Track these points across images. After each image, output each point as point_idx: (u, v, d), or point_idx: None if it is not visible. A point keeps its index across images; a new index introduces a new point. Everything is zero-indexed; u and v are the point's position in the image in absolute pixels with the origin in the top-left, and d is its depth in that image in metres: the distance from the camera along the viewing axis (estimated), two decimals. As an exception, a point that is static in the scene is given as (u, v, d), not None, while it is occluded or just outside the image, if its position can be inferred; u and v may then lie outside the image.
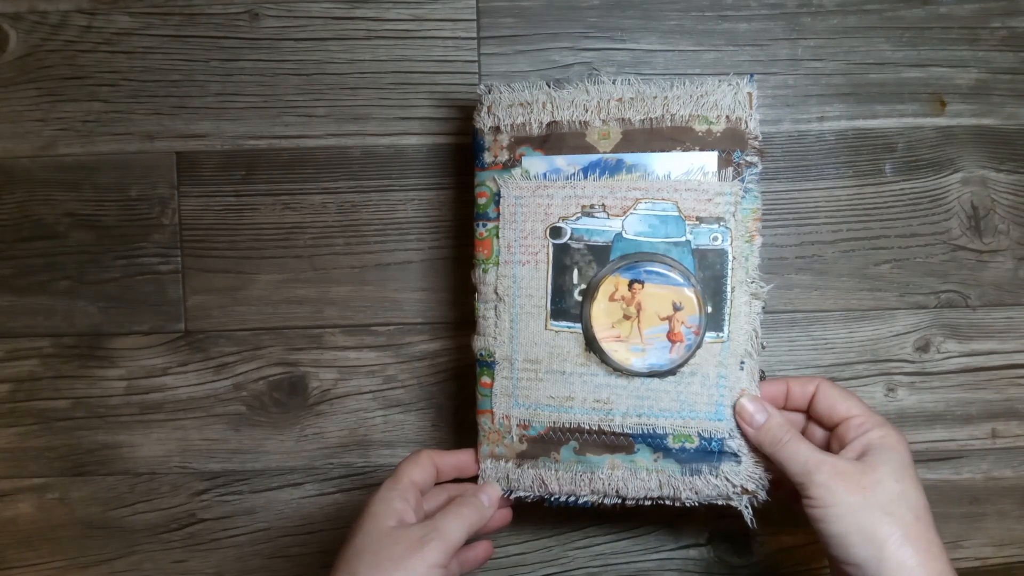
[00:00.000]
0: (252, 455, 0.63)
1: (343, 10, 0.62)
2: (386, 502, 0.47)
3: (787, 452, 0.48)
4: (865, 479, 0.45)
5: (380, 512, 0.47)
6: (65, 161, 0.63)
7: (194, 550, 0.64)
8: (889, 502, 0.45)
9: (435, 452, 0.52)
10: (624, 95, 0.52)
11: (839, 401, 0.50)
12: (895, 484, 0.45)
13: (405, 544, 0.45)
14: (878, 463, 0.46)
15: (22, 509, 0.64)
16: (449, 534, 0.46)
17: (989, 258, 0.62)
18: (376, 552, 0.45)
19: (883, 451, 0.47)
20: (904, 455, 0.47)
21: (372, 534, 0.46)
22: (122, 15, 0.62)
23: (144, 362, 0.63)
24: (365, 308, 0.63)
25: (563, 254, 0.52)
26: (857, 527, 0.44)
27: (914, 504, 0.45)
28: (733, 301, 0.51)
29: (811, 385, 0.51)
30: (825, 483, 0.45)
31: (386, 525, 0.46)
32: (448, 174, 0.63)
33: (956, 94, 0.62)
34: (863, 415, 0.49)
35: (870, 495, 0.45)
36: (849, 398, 0.50)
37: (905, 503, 0.45)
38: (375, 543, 0.45)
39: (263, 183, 0.63)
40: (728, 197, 0.51)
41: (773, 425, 0.49)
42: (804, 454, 0.47)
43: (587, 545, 0.63)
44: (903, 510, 0.45)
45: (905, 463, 0.47)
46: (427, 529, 0.46)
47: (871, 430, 0.48)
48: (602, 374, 0.52)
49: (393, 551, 0.45)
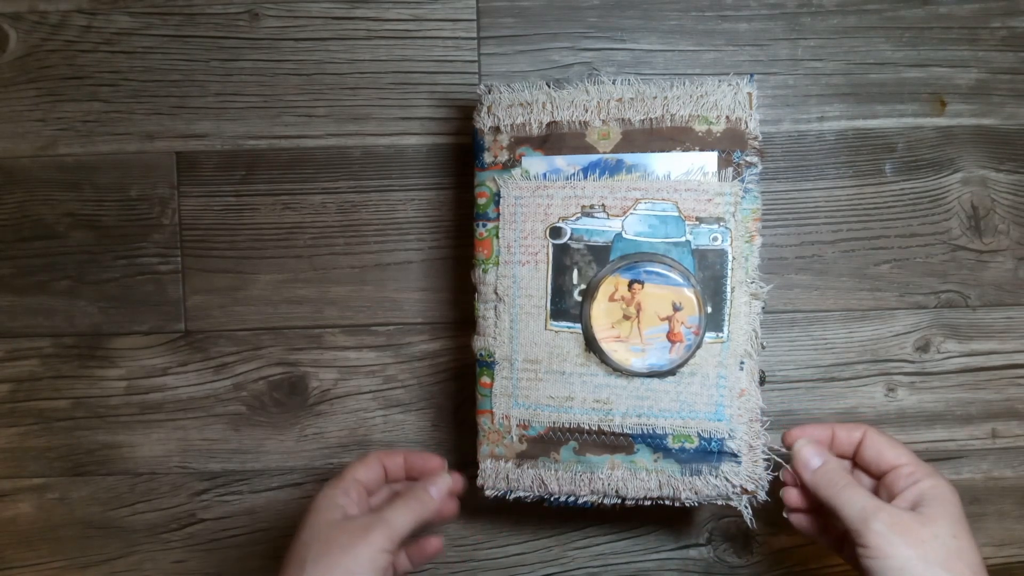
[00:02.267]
0: (252, 455, 0.63)
1: (343, 10, 0.62)
2: (328, 498, 0.48)
3: (844, 497, 0.47)
4: (925, 532, 0.44)
5: (323, 507, 0.48)
6: (65, 161, 0.63)
7: (194, 550, 0.64)
8: (948, 558, 0.44)
9: (383, 453, 0.53)
10: (624, 95, 0.52)
11: (887, 448, 0.49)
12: (953, 540, 0.44)
13: (350, 533, 0.46)
14: (936, 516, 0.45)
15: (22, 509, 0.64)
16: (393, 521, 0.47)
17: (989, 258, 0.62)
18: (324, 542, 0.46)
19: (938, 504, 0.46)
20: (958, 508, 0.46)
21: (317, 526, 0.47)
22: (122, 15, 0.62)
23: (144, 362, 0.63)
24: (365, 308, 0.63)
25: (563, 254, 0.52)
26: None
27: (971, 561, 0.44)
28: (733, 301, 0.51)
29: (857, 432, 0.50)
30: (883, 532, 0.44)
31: (331, 518, 0.47)
32: (448, 174, 0.63)
33: (956, 94, 0.62)
34: (912, 464, 0.48)
35: (929, 550, 0.44)
36: (897, 446, 0.49)
37: (963, 560, 0.44)
38: (321, 534, 0.46)
39: (263, 183, 0.63)
40: (728, 197, 0.50)
41: (831, 469, 0.48)
42: (862, 501, 0.46)
43: (587, 545, 0.63)
44: (961, 567, 0.44)
45: (960, 516, 0.46)
46: (371, 518, 0.47)
47: (922, 480, 0.47)
48: (602, 374, 0.52)
49: (340, 539, 0.46)
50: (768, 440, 0.52)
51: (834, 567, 0.63)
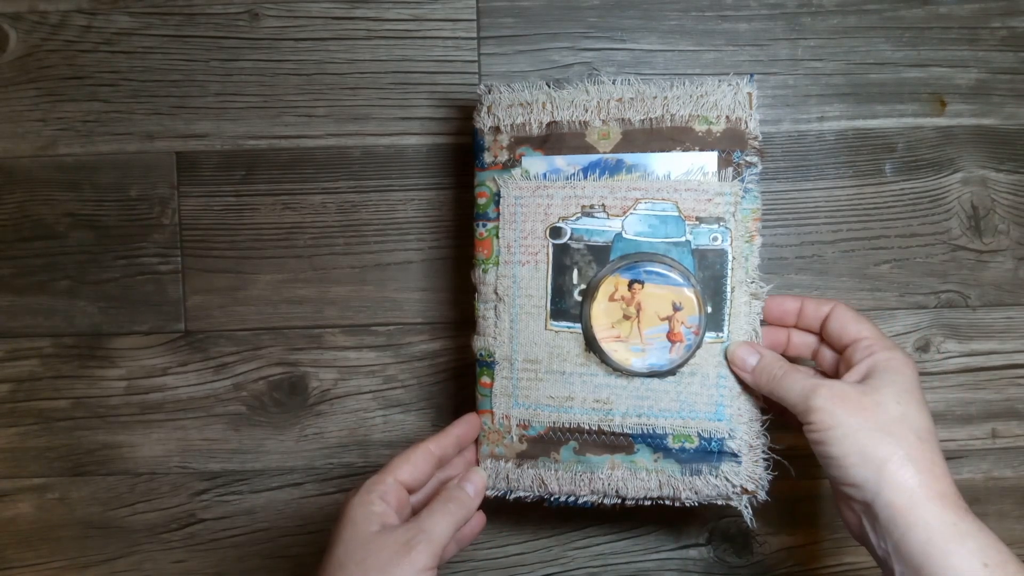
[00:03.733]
0: (252, 455, 0.63)
1: (343, 10, 0.62)
2: (365, 506, 0.45)
3: (785, 384, 0.47)
4: (866, 400, 0.45)
5: (360, 518, 0.44)
6: (65, 161, 0.63)
7: (194, 550, 0.64)
8: (890, 423, 0.44)
9: (432, 440, 0.49)
10: (624, 95, 0.52)
11: (851, 323, 0.49)
12: (896, 406, 0.44)
13: (390, 550, 0.43)
14: (880, 385, 0.45)
15: (22, 509, 0.64)
16: (435, 534, 0.45)
17: (989, 258, 0.62)
18: (360, 562, 0.43)
19: (887, 373, 0.46)
20: (908, 377, 0.46)
21: (353, 542, 0.44)
22: (122, 15, 0.62)
23: (144, 362, 0.63)
24: (365, 308, 0.63)
25: (563, 254, 0.52)
26: (857, 448, 0.43)
27: (916, 425, 0.44)
28: (733, 301, 0.51)
29: (826, 306, 0.51)
30: (823, 406, 0.45)
31: (367, 531, 0.44)
32: (448, 174, 0.63)
33: (956, 94, 0.62)
34: (872, 337, 0.48)
35: (870, 416, 0.44)
36: (861, 320, 0.49)
37: (907, 424, 0.44)
38: (358, 552, 0.43)
39: (263, 183, 0.63)
40: (728, 197, 0.51)
41: (766, 363, 0.49)
42: (801, 382, 0.46)
43: (587, 545, 0.63)
44: (904, 430, 0.44)
45: (909, 386, 0.46)
46: (412, 531, 0.44)
47: (877, 352, 0.47)
48: (602, 374, 0.52)
49: (379, 559, 0.43)
50: (768, 440, 0.52)
51: (834, 567, 0.63)
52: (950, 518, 0.42)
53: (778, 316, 0.53)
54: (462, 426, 0.52)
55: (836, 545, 0.63)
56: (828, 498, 0.63)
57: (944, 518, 0.42)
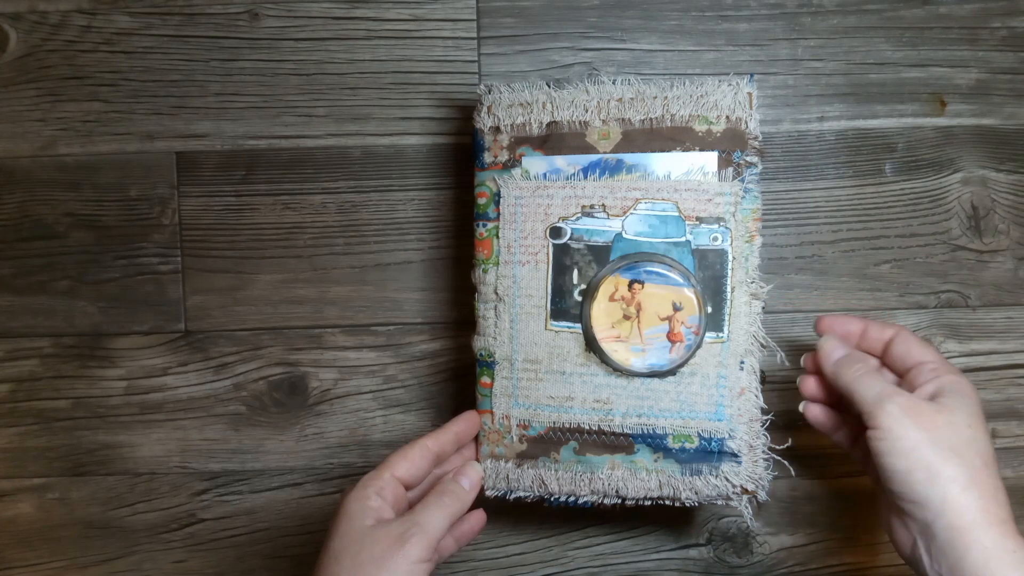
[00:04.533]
0: (252, 455, 0.63)
1: (343, 10, 0.62)
2: (361, 501, 0.45)
3: (862, 383, 0.47)
4: (939, 418, 0.44)
5: (355, 512, 0.45)
6: (65, 161, 0.63)
7: (194, 550, 0.64)
8: (960, 444, 0.43)
9: (430, 437, 0.50)
10: (624, 95, 0.52)
11: (915, 347, 0.49)
12: (967, 428, 0.44)
13: (385, 543, 0.43)
14: (953, 406, 0.45)
15: (22, 509, 0.64)
16: (430, 527, 0.45)
17: (989, 258, 0.62)
18: (355, 555, 0.43)
19: (957, 396, 0.46)
20: (977, 404, 0.46)
21: (349, 535, 0.44)
22: (122, 15, 0.62)
23: (144, 362, 0.63)
24: (365, 308, 0.63)
25: (563, 254, 0.52)
26: (924, 464, 0.43)
27: (983, 451, 0.44)
28: (733, 301, 0.51)
29: (890, 330, 0.50)
30: (895, 414, 0.44)
31: (363, 525, 0.44)
32: (448, 174, 0.63)
33: (956, 94, 0.62)
34: (937, 361, 0.48)
35: (941, 434, 0.44)
36: (926, 346, 0.49)
37: (975, 448, 0.44)
38: (353, 545, 0.44)
39: (263, 183, 0.63)
40: (728, 197, 0.51)
41: (852, 359, 0.48)
42: (879, 386, 0.46)
43: (587, 545, 0.63)
44: (972, 454, 0.43)
45: (977, 411, 0.45)
46: (407, 524, 0.44)
47: (944, 375, 0.47)
48: (602, 374, 0.52)
49: (373, 551, 0.43)
50: (768, 440, 0.52)
51: (834, 567, 0.63)
52: (1009, 545, 0.42)
53: (841, 336, 0.52)
54: (461, 423, 0.52)
55: (836, 545, 0.63)
56: (828, 498, 0.63)
57: (1003, 544, 0.42)
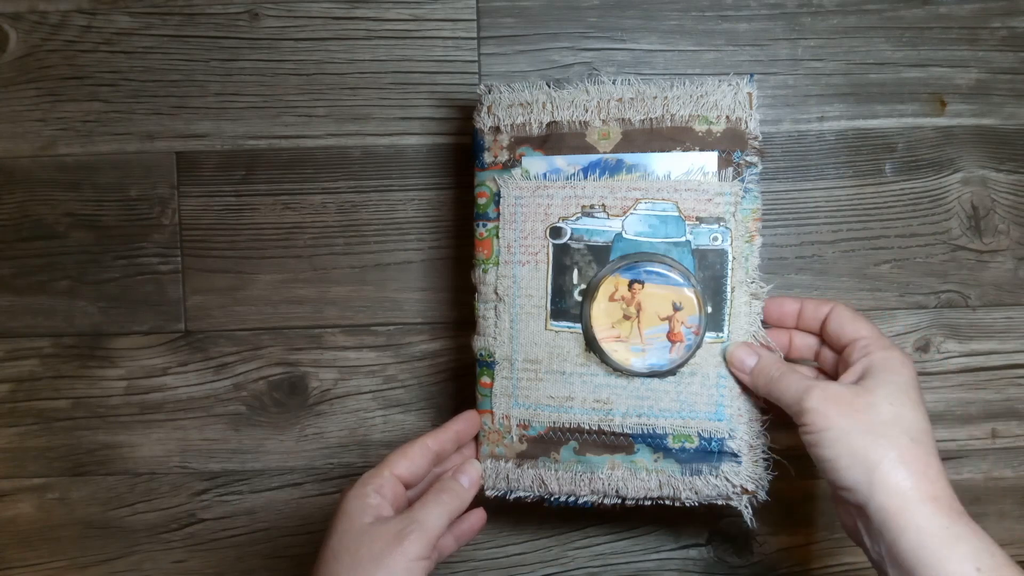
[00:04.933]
0: (252, 455, 0.63)
1: (343, 10, 0.62)
2: (360, 498, 0.46)
3: (780, 386, 0.47)
4: (858, 402, 0.44)
5: (354, 510, 0.45)
6: (65, 161, 0.63)
7: (194, 550, 0.64)
8: (882, 424, 0.43)
9: (429, 436, 0.50)
10: (624, 95, 0.52)
11: (848, 323, 0.49)
12: (889, 407, 0.44)
13: (383, 540, 0.44)
14: (874, 386, 0.45)
15: (22, 509, 0.64)
16: (428, 524, 0.45)
17: (989, 258, 0.62)
18: (353, 552, 0.43)
19: (882, 373, 0.45)
20: (905, 377, 0.46)
21: (348, 533, 0.44)
22: (122, 15, 0.62)
23: (144, 362, 0.63)
24: (365, 308, 0.63)
25: (563, 254, 0.52)
26: (848, 450, 0.43)
27: (910, 426, 0.44)
28: (733, 301, 0.51)
29: (825, 307, 0.50)
30: (816, 408, 0.44)
31: (361, 523, 0.45)
32: (448, 174, 0.63)
33: (956, 94, 0.62)
34: (869, 337, 0.48)
35: (863, 418, 0.44)
36: (859, 320, 0.49)
37: (900, 425, 0.44)
38: (352, 542, 0.44)
39: (263, 183, 0.63)
40: (728, 197, 0.51)
41: (764, 365, 0.49)
42: (796, 383, 0.46)
43: (587, 545, 0.63)
44: (896, 432, 0.43)
45: (904, 386, 0.45)
46: (405, 522, 0.45)
47: (874, 352, 0.47)
48: (602, 374, 0.52)
49: (372, 549, 0.43)
50: (768, 440, 0.52)
51: (834, 567, 0.63)
52: (943, 521, 0.41)
53: (778, 317, 0.52)
54: (461, 423, 0.52)
55: (836, 545, 0.63)
56: (828, 498, 0.63)
57: (937, 521, 0.41)
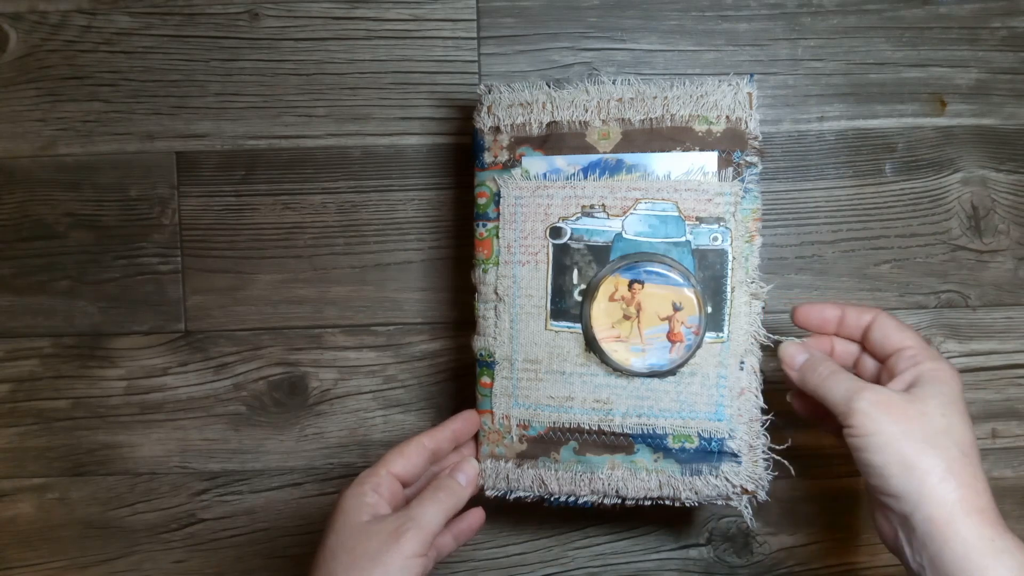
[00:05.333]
0: (252, 455, 0.63)
1: (343, 10, 0.62)
2: (357, 497, 0.46)
3: (828, 384, 0.46)
4: (911, 409, 0.44)
5: (351, 508, 0.45)
6: (65, 161, 0.63)
7: (194, 550, 0.64)
8: (934, 435, 0.43)
9: (427, 434, 0.50)
10: (624, 95, 0.52)
11: (894, 332, 0.48)
12: (941, 418, 0.44)
13: (380, 538, 0.44)
14: (926, 396, 0.44)
15: (22, 509, 0.64)
16: (424, 521, 0.45)
17: (989, 258, 0.62)
18: (351, 550, 0.44)
19: (932, 384, 0.45)
20: (954, 389, 0.45)
21: (344, 532, 0.44)
22: (122, 15, 0.62)
23: (144, 362, 0.63)
24: (365, 308, 0.63)
25: (563, 254, 0.52)
26: (898, 457, 0.43)
27: (960, 439, 0.43)
28: (733, 301, 0.51)
29: (868, 315, 0.50)
30: (867, 411, 0.44)
31: (358, 521, 0.45)
32: (448, 174, 0.63)
33: (956, 94, 0.62)
34: (916, 347, 0.47)
35: (915, 426, 0.43)
36: (905, 330, 0.48)
37: (950, 437, 0.43)
38: (348, 541, 0.44)
39: (263, 183, 0.63)
40: (728, 197, 0.50)
41: (814, 362, 0.48)
42: (846, 383, 0.46)
43: (587, 545, 0.63)
44: (947, 443, 0.43)
45: (954, 398, 0.45)
46: (402, 519, 0.45)
47: (922, 362, 0.46)
48: (602, 374, 0.52)
49: (368, 547, 0.43)
50: (768, 440, 0.52)
51: (834, 567, 0.63)
52: (988, 533, 0.41)
53: (818, 324, 0.51)
54: (459, 422, 0.52)
55: (836, 545, 0.63)
56: (828, 498, 0.63)
57: (982, 533, 0.41)
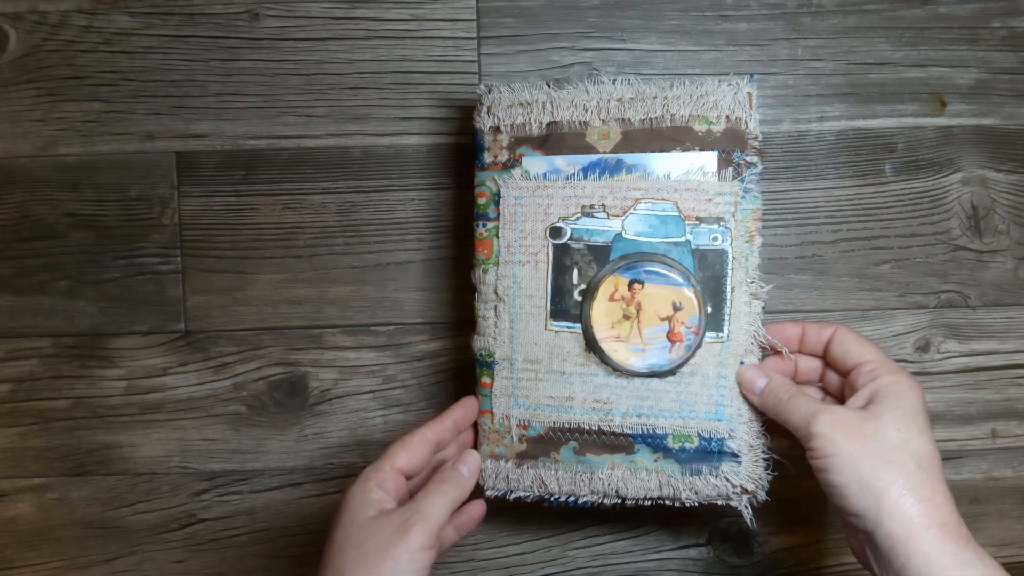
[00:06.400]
0: (252, 455, 0.63)
1: (343, 10, 0.62)
2: (363, 493, 0.46)
3: (788, 408, 0.47)
4: (866, 427, 0.44)
5: (357, 504, 0.46)
6: (65, 161, 0.63)
7: (194, 550, 0.64)
8: (890, 451, 0.43)
9: (428, 427, 0.50)
10: (624, 95, 0.52)
11: (854, 347, 0.49)
12: (897, 433, 0.44)
13: (387, 533, 0.44)
14: (882, 411, 0.45)
15: (22, 509, 0.64)
16: (431, 514, 0.45)
17: (989, 258, 0.62)
18: (359, 546, 0.44)
19: (889, 399, 0.45)
20: (912, 403, 0.45)
21: (352, 528, 0.45)
22: (122, 15, 0.62)
23: (144, 362, 0.63)
24: (365, 308, 0.63)
25: (563, 254, 0.52)
26: (856, 476, 0.43)
27: (917, 453, 0.44)
28: (733, 301, 0.51)
29: (828, 330, 0.50)
30: (824, 433, 0.44)
31: (365, 517, 0.45)
32: (448, 174, 0.63)
33: (956, 94, 0.62)
34: (876, 361, 0.48)
35: (871, 444, 0.44)
36: (864, 343, 0.49)
37: (907, 452, 0.43)
38: (356, 537, 0.44)
39: (263, 183, 0.63)
40: (728, 197, 0.51)
41: (774, 387, 0.49)
42: (804, 407, 0.46)
43: (587, 545, 0.63)
44: (904, 458, 0.43)
45: (912, 411, 0.45)
46: (408, 513, 0.45)
47: (880, 376, 0.47)
48: (602, 374, 0.52)
49: (376, 542, 0.44)
50: (768, 440, 0.52)
51: (834, 567, 0.63)
52: (949, 548, 0.41)
53: (781, 342, 0.52)
54: (459, 410, 0.53)
55: (836, 545, 0.63)
56: (828, 498, 0.63)
57: (943, 548, 0.41)
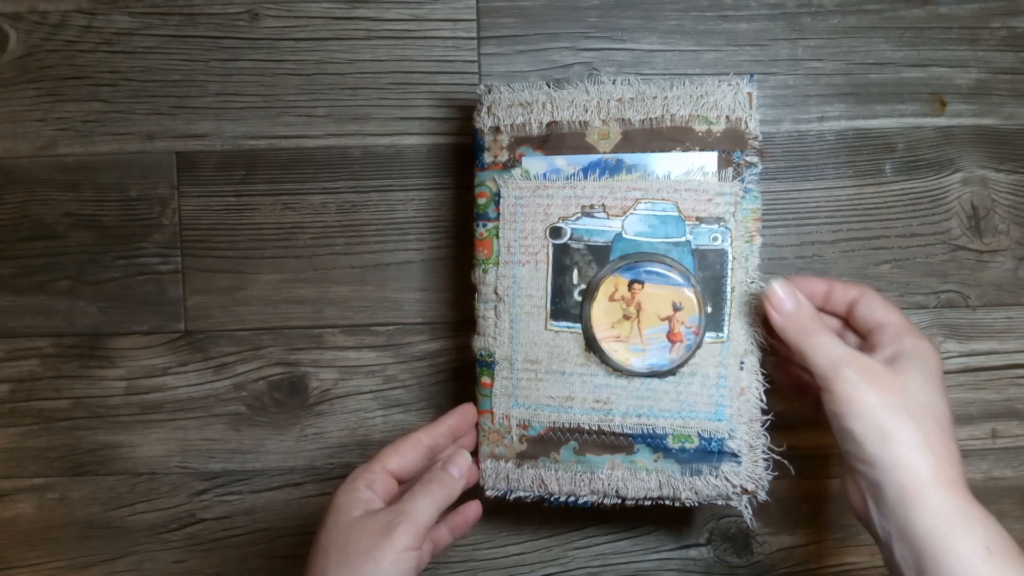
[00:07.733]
0: (252, 455, 0.63)
1: (343, 10, 0.62)
2: (350, 493, 0.46)
3: (812, 343, 0.46)
4: (895, 381, 0.44)
5: (343, 504, 0.45)
6: (65, 161, 0.63)
7: (194, 550, 0.64)
8: (914, 407, 0.43)
9: (423, 431, 0.50)
10: (624, 95, 0.52)
11: (879, 308, 0.48)
12: (921, 391, 0.44)
13: (371, 533, 0.44)
14: (909, 369, 0.45)
15: (22, 509, 0.64)
16: (416, 514, 0.45)
17: (989, 258, 0.62)
18: (342, 547, 0.43)
19: (915, 359, 0.45)
20: (934, 366, 0.45)
21: (337, 528, 0.44)
22: (122, 15, 0.62)
23: (144, 362, 0.63)
24: (365, 308, 0.63)
25: (563, 254, 0.52)
26: (878, 427, 0.43)
27: (937, 413, 0.44)
28: (733, 301, 0.51)
29: (855, 290, 0.49)
30: (852, 380, 0.44)
31: (350, 517, 0.45)
32: (448, 174, 0.63)
33: (956, 94, 0.62)
34: (900, 323, 0.47)
35: (896, 398, 0.43)
36: (890, 306, 0.48)
37: (929, 410, 0.44)
38: (340, 537, 0.44)
39: (263, 183, 0.63)
40: (728, 197, 0.51)
41: (803, 314, 0.47)
42: (834, 348, 0.45)
43: (587, 545, 0.63)
44: (925, 416, 0.43)
45: (935, 375, 0.45)
46: (393, 514, 0.45)
47: (905, 338, 0.46)
48: (602, 374, 0.52)
49: (359, 542, 0.43)
50: (768, 440, 0.52)
51: (834, 567, 0.63)
52: (958, 502, 0.42)
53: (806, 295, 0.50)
54: (455, 416, 0.52)
55: (836, 545, 0.63)
56: (828, 498, 0.63)
57: (952, 502, 0.42)
